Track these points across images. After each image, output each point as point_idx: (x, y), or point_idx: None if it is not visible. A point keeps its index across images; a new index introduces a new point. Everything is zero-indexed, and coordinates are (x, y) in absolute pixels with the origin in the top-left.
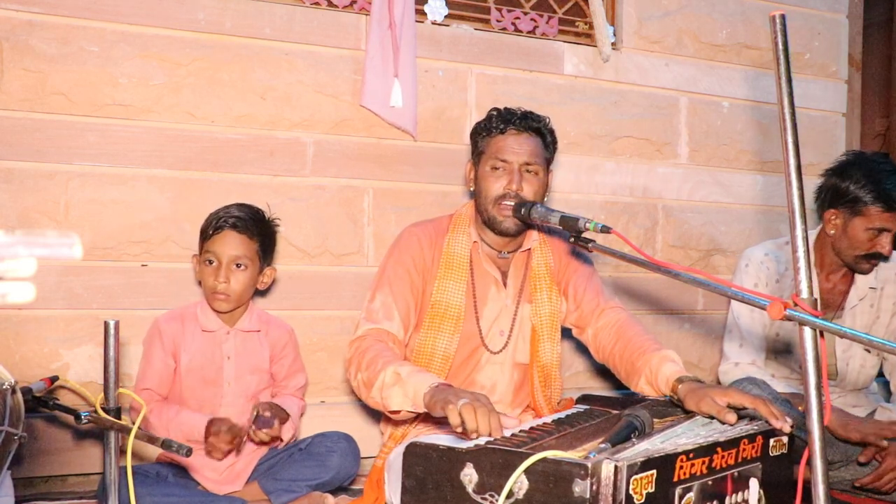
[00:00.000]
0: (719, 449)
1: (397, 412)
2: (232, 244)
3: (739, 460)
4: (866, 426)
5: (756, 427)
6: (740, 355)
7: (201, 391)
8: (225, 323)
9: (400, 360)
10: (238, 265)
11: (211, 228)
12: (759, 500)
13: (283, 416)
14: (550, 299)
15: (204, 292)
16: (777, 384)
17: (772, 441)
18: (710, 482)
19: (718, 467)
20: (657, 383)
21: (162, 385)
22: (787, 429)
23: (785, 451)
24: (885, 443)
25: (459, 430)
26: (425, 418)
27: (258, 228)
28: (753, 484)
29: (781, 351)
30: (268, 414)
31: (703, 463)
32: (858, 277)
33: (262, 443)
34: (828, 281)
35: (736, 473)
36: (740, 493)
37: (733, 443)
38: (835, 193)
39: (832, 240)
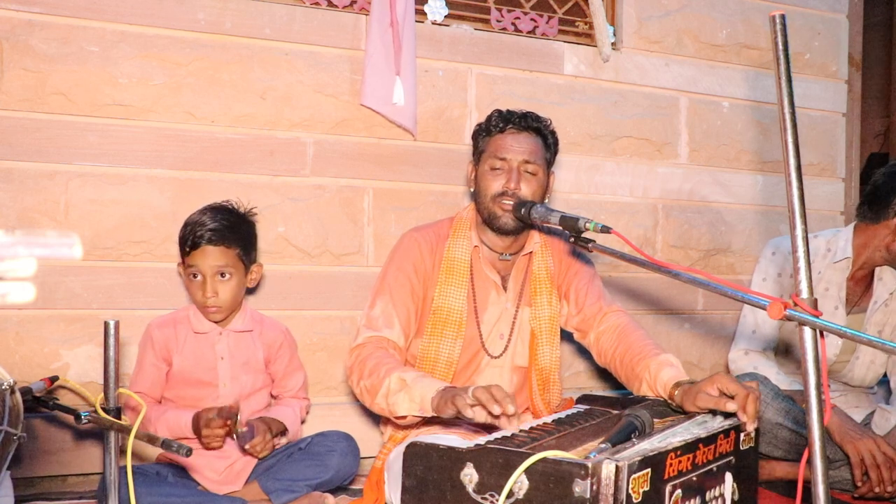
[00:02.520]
0: (701, 445)
1: (403, 417)
2: (212, 257)
3: (717, 455)
4: (861, 442)
5: (729, 422)
6: (751, 342)
7: (196, 392)
8: (217, 324)
9: (402, 366)
10: (223, 275)
11: (188, 244)
12: (733, 493)
13: (280, 428)
14: (550, 303)
15: (195, 304)
16: (783, 379)
17: (742, 435)
18: (694, 478)
19: (700, 463)
20: (657, 389)
21: (154, 389)
22: (749, 428)
23: (753, 444)
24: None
25: (472, 414)
26: (431, 421)
27: (235, 235)
28: (728, 478)
29: (790, 346)
30: (244, 428)
31: (689, 459)
32: (881, 276)
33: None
34: (851, 278)
35: (714, 468)
36: (717, 488)
37: (712, 438)
38: None
39: (890, 245)
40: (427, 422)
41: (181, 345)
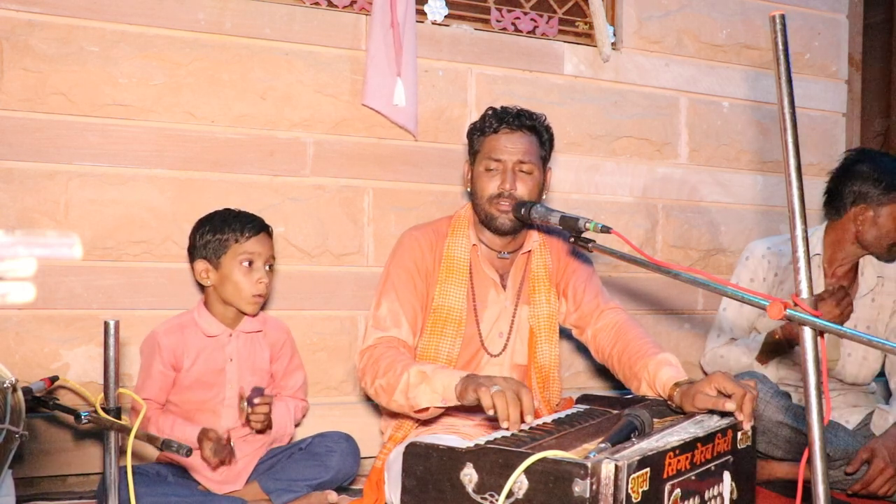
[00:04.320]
0: (699, 444)
1: (424, 410)
2: (267, 245)
3: (715, 454)
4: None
5: (726, 421)
6: (716, 343)
7: (203, 393)
8: (227, 326)
9: (416, 361)
10: (269, 266)
11: (246, 231)
12: (732, 493)
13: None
14: (549, 301)
15: (237, 296)
16: (751, 347)
17: (739, 434)
18: (692, 477)
19: (699, 462)
20: (656, 388)
21: (161, 394)
22: (746, 426)
23: (750, 443)
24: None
25: (491, 412)
26: (453, 410)
27: None
28: (726, 477)
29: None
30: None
31: (687, 459)
32: (863, 270)
33: (258, 431)
34: (833, 276)
35: (713, 467)
36: (716, 487)
37: (709, 437)
38: (862, 191)
39: (859, 234)
40: (448, 412)
41: (190, 349)
